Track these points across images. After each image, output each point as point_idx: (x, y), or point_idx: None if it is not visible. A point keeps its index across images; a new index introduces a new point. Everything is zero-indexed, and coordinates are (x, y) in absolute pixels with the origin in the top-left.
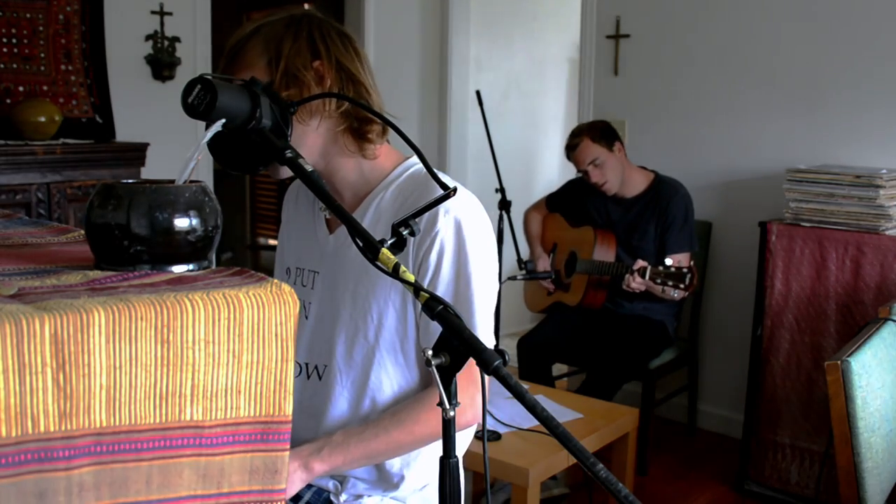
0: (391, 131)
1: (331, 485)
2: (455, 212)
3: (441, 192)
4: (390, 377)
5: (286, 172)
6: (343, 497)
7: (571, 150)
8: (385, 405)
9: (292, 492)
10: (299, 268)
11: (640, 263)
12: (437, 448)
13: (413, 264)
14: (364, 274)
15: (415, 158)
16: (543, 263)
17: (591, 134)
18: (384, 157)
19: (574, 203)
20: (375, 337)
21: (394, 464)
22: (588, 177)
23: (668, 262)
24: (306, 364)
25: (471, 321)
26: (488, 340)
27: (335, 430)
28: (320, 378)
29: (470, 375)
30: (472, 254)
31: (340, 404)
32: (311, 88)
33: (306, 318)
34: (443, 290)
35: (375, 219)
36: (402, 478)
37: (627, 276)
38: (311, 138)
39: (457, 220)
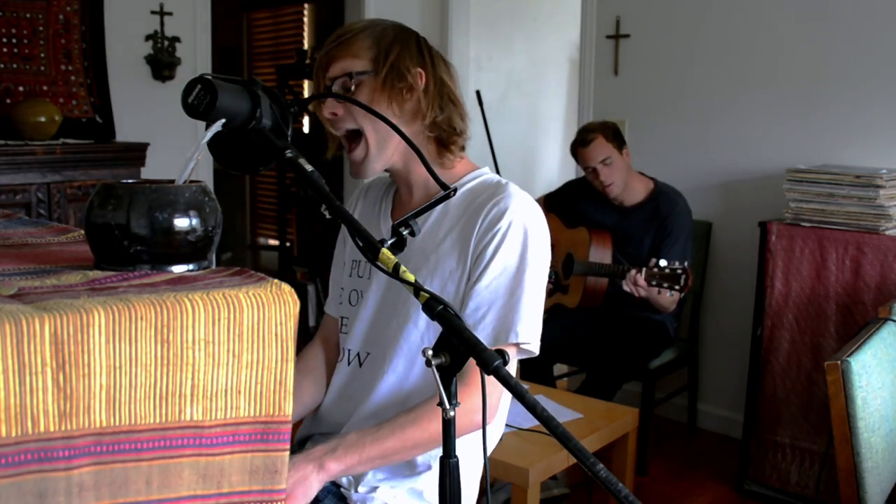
0: (468, 145)
1: (343, 479)
2: (523, 217)
3: (442, 191)
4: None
5: (371, 172)
6: (361, 489)
7: (584, 145)
8: (424, 395)
9: (312, 494)
10: (356, 260)
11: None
12: (465, 440)
13: (472, 256)
14: (423, 263)
15: (487, 169)
16: None
17: (605, 133)
18: (459, 163)
19: (571, 205)
20: (427, 324)
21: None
22: (596, 175)
23: (663, 263)
24: (358, 351)
25: (515, 321)
26: (535, 341)
27: (373, 415)
28: (366, 364)
29: (467, 387)
30: (532, 260)
31: (383, 391)
32: (413, 88)
33: (361, 307)
34: (492, 282)
35: (443, 214)
36: (428, 467)
37: (627, 281)
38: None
39: (525, 226)
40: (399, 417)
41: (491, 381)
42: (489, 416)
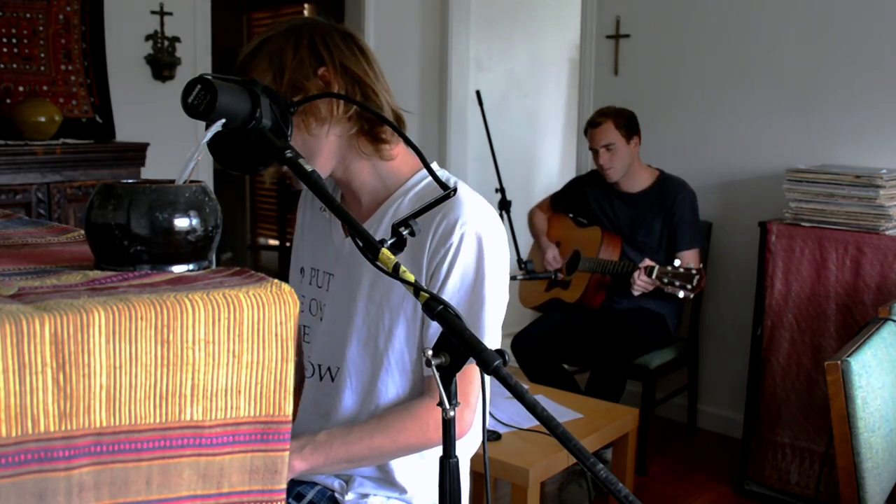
0: (409, 127)
1: (336, 484)
2: (475, 226)
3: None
4: (396, 384)
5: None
6: (350, 496)
7: (593, 127)
8: (399, 404)
9: None
10: (315, 268)
11: (648, 262)
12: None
13: (426, 273)
14: (378, 280)
15: (434, 164)
16: (552, 252)
17: (616, 119)
18: (402, 161)
19: (579, 199)
20: (385, 344)
21: (397, 468)
22: (597, 157)
23: (677, 262)
24: (319, 366)
25: (480, 335)
26: None
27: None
28: (333, 380)
29: (462, 390)
30: (490, 270)
31: (348, 406)
32: (320, 92)
33: (321, 320)
34: (451, 299)
35: (390, 225)
36: (407, 480)
37: (635, 274)
38: (326, 146)
39: (478, 235)
40: (369, 424)
41: (462, 396)
42: (461, 430)
